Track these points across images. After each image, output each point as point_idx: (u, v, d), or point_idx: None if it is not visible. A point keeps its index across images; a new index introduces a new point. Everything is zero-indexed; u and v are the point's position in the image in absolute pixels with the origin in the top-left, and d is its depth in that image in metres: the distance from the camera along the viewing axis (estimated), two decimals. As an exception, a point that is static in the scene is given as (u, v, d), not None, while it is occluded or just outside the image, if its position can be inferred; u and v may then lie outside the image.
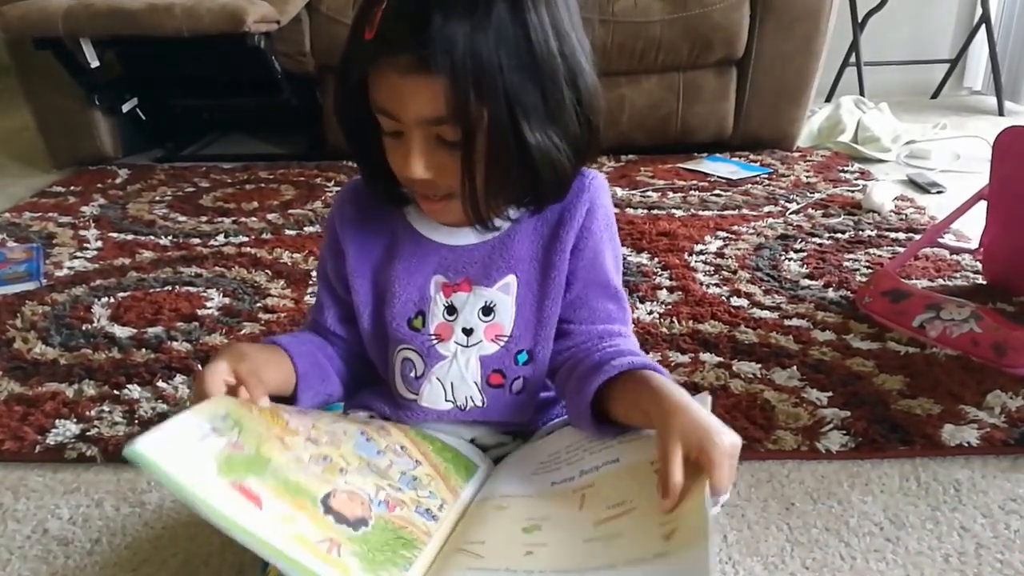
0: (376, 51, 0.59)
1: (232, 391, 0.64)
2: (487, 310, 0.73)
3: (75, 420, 1.06)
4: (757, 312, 1.33)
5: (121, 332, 1.32)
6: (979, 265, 1.46)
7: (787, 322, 1.29)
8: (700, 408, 0.58)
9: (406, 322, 0.74)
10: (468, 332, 0.73)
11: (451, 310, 0.73)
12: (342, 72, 0.64)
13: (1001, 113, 2.78)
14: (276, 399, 0.68)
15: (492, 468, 0.75)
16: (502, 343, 0.73)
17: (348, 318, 0.79)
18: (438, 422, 0.77)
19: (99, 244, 1.76)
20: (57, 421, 1.06)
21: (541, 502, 0.64)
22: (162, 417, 1.06)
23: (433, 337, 0.74)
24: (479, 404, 0.75)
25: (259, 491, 0.55)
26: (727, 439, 0.55)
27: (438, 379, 0.75)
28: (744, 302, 1.37)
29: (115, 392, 1.12)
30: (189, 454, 0.55)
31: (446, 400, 0.75)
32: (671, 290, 1.43)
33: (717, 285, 1.44)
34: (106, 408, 1.09)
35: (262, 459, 0.58)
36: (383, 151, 0.67)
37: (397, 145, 0.64)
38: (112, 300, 1.45)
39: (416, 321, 0.74)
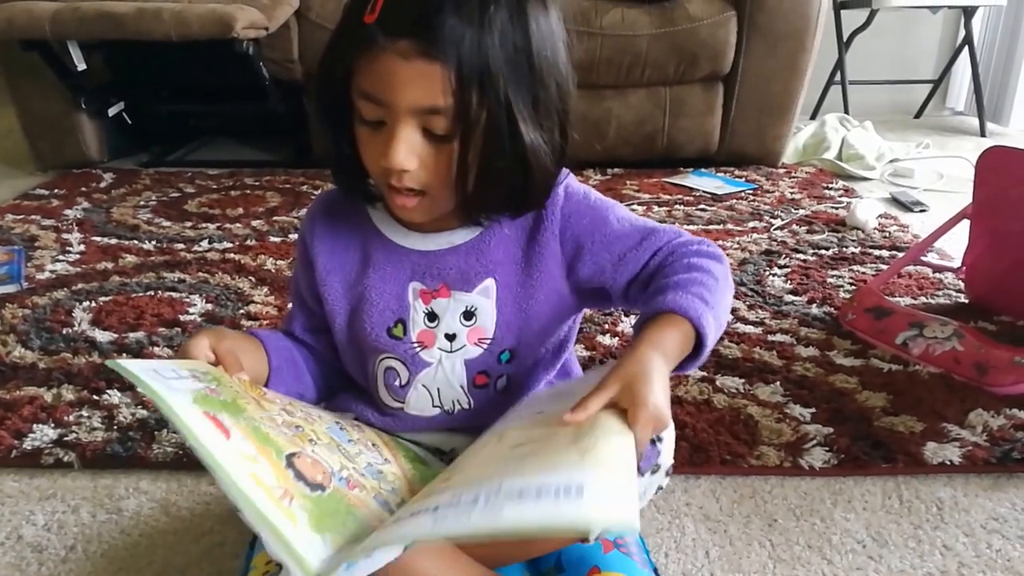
0: (375, 33, 0.59)
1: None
2: (468, 314, 0.73)
3: (53, 425, 1.05)
4: (741, 327, 1.33)
5: (102, 337, 1.30)
6: (961, 284, 1.47)
7: (771, 337, 1.29)
8: (660, 372, 0.58)
9: (385, 331, 0.74)
10: (451, 337, 0.73)
11: (432, 316, 0.73)
12: (329, 55, 0.63)
13: (983, 134, 2.81)
14: None
15: None
16: (485, 345, 0.73)
17: (316, 328, 0.80)
18: (425, 429, 0.77)
19: (82, 248, 1.74)
20: (34, 426, 1.04)
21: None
22: (141, 423, 1.05)
23: (416, 345, 0.73)
24: (466, 406, 0.75)
25: (229, 426, 0.57)
26: (654, 406, 0.55)
27: (424, 386, 0.75)
28: (728, 316, 1.37)
29: (94, 397, 1.11)
30: (168, 380, 0.57)
31: (433, 406, 0.75)
32: (656, 304, 1.43)
33: (702, 299, 1.44)
34: (85, 413, 1.07)
35: (237, 407, 0.60)
36: (353, 141, 0.66)
37: (375, 135, 0.63)
38: (94, 304, 1.43)
39: (396, 329, 0.74)
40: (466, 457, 0.65)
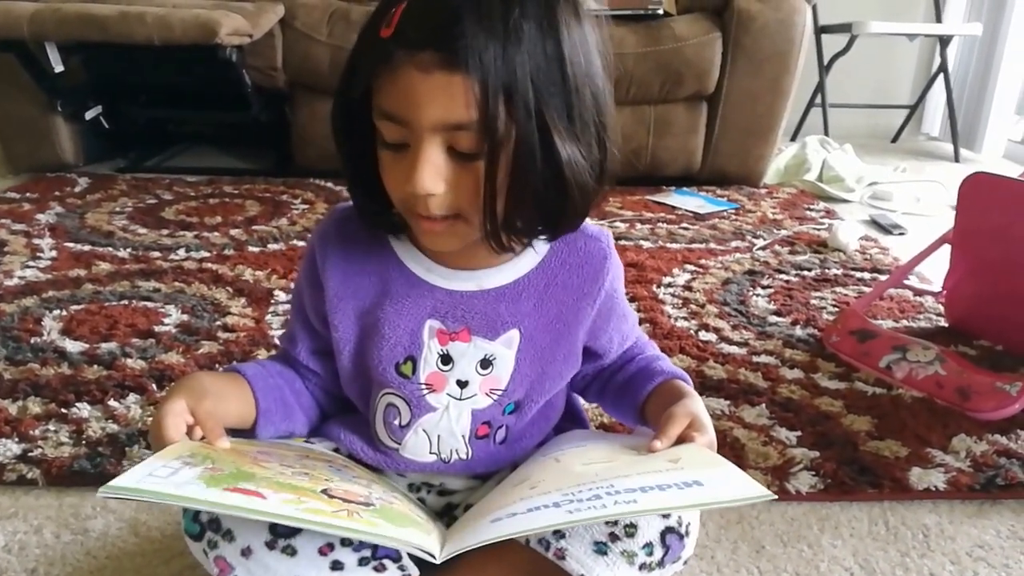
0: (393, 47, 0.55)
1: (189, 430, 0.61)
2: (485, 363, 0.69)
3: (17, 439, 1.01)
4: (726, 347, 1.33)
5: (72, 347, 1.26)
6: (941, 307, 1.48)
7: (755, 358, 1.29)
8: (704, 408, 0.69)
9: (393, 366, 0.69)
10: (463, 385, 0.69)
11: (446, 359, 0.68)
12: (346, 75, 0.60)
13: (957, 159, 2.86)
14: (234, 432, 0.65)
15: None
16: (495, 397, 0.70)
17: (323, 351, 0.74)
18: (418, 473, 0.73)
19: (53, 254, 1.70)
20: (-1, 439, 1.00)
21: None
22: (111, 438, 1.01)
23: (424, 386, 0.69)
24: (464, 456, 0.71)
25: (257, 489, 0.55)
26: (712, 431, 0.66)
27: (424, 431, 0.70)
28: (712, 336, 1.37)
29: (62, 410, 1.07)
30: (169, 479, 0.54)
31: (430, 452, 0.71)
32: (640, 322, 1.42)
33: (685, 318, 1.44)
34: (52, 427, 1.03)
35: (246, 475, 0.57)
36: (376, 169, 0.62)
37: (398, 159, 0.59)
38: (64, 313, 1.39)
39: (405, 367, 0.69)
40: (527, 473, 0.66)
